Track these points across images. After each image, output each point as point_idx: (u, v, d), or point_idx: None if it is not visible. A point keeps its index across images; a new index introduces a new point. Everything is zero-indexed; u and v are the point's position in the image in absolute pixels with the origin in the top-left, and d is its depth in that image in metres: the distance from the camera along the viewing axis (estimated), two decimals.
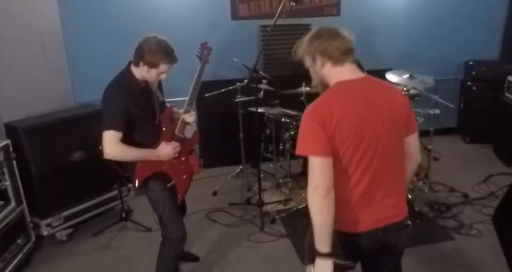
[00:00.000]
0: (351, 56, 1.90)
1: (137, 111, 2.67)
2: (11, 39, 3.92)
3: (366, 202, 1.87)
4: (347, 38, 1.88)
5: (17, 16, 4.00)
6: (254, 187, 4.67)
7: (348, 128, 1.76)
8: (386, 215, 1.89)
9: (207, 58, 3.07)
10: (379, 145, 1.82)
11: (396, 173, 1.92)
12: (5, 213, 3.26)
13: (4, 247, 3.21)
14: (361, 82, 1.87)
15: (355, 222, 1.87)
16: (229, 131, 5.00)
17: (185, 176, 2.96)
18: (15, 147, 3.46)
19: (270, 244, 3.75)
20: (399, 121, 1.88)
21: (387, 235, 1.91)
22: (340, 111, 1.76)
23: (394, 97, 1.91)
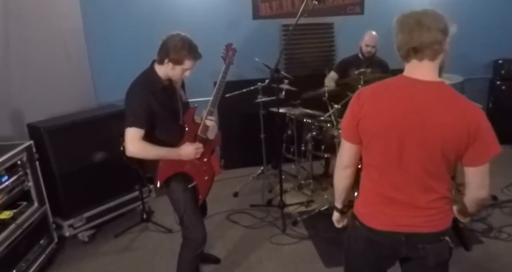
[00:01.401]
0: (421, 53, 1.73)
1: (160, 109, 2.70)
2: (34, 40, 4.02)
3: (384, 200, 1.87)
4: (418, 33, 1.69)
5: (40, 17, 4.09)
6: (276, 189, 4.67)
7: (370, 120, 1.79)
8: (409, 222, 1.83)
9: (232, 59, 3.09)
10: (400, 152, 1.77)
11: (425, 187, 1.81)
12: (28, 213, 3.31)
13: (27, 248, 3.26)
14: (419, 85, 1.74)
15: (372, 216, 1.92)
16: (250, 131, 5.00)
17: (206, 177, 2.97)
18: (38, 148, 3.52)
19: (292, 246, 3.74)
20: (444, 143, 1.71)
21: (412, 244, 1.85)
22: (372, 103, 1.79)
23: (456, 117, 1.70)
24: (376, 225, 1.89)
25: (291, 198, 4.49)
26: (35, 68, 4.05)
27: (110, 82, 4.76)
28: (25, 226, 3.22)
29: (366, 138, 1.84)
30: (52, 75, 4.22)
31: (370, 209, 1.93)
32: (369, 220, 1.92)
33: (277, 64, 3.82)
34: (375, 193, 1.91)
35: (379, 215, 1.89)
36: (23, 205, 3.30)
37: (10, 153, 3.15)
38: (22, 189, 3.31)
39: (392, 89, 1.81)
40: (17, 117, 3.93)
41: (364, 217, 1.94)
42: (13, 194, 3.18)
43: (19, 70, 3.92)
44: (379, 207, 1.89)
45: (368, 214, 1.93)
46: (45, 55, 4.15)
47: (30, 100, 4.01)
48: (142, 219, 4.20)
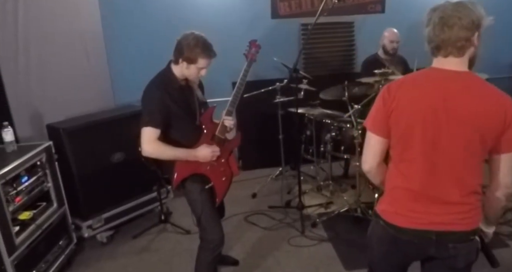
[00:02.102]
0: (446, 51, 1.73)
1: (176, 109, 2.72)
2: (54, 41, 4.08)
3: (414, 197, 1.83)
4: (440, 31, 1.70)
5: (60, 18, 4.15)
6: (294, 190, 4.66)
7: (402, 112, 1.77)
8: (442, 220, 1.80)
9: (254, 57, 3.00)
10: (435, 144, 1.75)
11: (465, 178, 1.78)
12: (47, 214, 3.36)
13: (46, 248, 3.31)
14: (450, 76, 1.74)
15: (398, 215, 1.87)
16: (268, 132, 5.00)
17: (224, 178, 2.97)
18: (57, 148, 3.57)
19: (311, 249, 3.73)
20: (481, 127, 1.70)
21: (443, 243, 1.81)
22: (404, 95, 1.77)
23: (491, 103, 1.69)
24: (404, 223, 1.85)
25: (310, 199, 4.47)
26: (55, 69, 4.12)
27: (128, 83, 4.80)
28: (44, 227, 3.26)
29: (398, 131, 1.81)
30: (71, 75, 4.28)
31: (397, 207, 1.88)
32: (396, 218, 1.87)
33: (296, 63, 3.80)
34: (404, 189, 1.86)
35: (408, 213, 1.84)
36: (42, 205, 3.34)
37: (30, 154, 3.19)
38: (42, 189, 3.35)
39: (423, 80, 1.80)
40: (36, 118, 3.99)
41: (391, 216, 1.89)
42: (33, 195, 3.23)
43: (39, 70, 3.99)
44: (408, 205, 1.84)
45: (395, 212, 1.88)
46: (64, 56, 4.21)
47: (49, 100, 4.08)
48: (160, 220, 4.23)
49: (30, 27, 3.88)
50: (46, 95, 4.07)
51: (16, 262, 2.89)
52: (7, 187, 2.92)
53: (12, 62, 3.80)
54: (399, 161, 1.87)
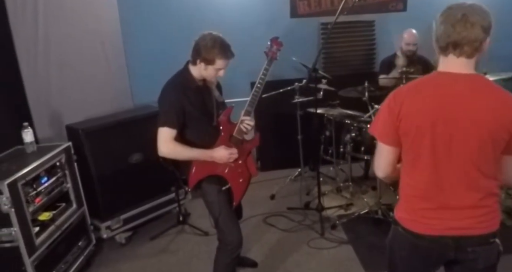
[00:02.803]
0: (460, 49, 1.71)
1: (193, 110, 2.73)
2: (73, 41, 4.13)
3: (429, 204, 1.83)
4: (462, 28, 1.67)
5: (79, 19, 4.20)
6: (313, 191, 4.65)
7: (411, 120, 1.76)
8: (459, 225, 1.80)
9: (275, 55, 2.92)
10: (447, 148, 1.74)
11: (480, 182, 1.78)
12: (67, 215, 3.40)
13: (66, 249, 3.35)
14: (458, 79, 1.73)
15: (415, 221, 1.87)
16: (287, 132, 4.99)
17: (241, 179, 2.96)
18: (76, 149, 3.61)
19: (331, 251, 3.71)
20: (489, 133, 1.69)
21: (462, 248, 1.82)
22: (411, 102, 1.76)
23: (499, 107, 1.69)
24: (421, 230, 1.85)
25: (329, 201, 4.45)
26: (74, 70, 4.17)
27: (146, 83, 4.81)
28: (64, 228, 3.31)
29: (409, 138, 1.80)
30: (90, 76, 4.32)
31: (413, 215, 1.88)
32: (414, 225, 1.88)
33: (315, 63, 3.79)
34: (417, 197, 1.86)
35: (424, 220, 1.84)
36: (62, 206, 3.38)
37: (49, 155, 3.23)
38: (61, 190, 3.40)
39: (430, 85, 1.79)
40: (56, 119, 4.04)
41: (408, 223, 1.90)
42: (52, 196, 3.27)
43: (58, 71, 4.04)
44: (424, 213, 1.85)
45: (412, 220, 1.89)
46: (83, 57, 4.26)
47: (68, 101, 4.13)
48: (179, 222, 4.24)
49: (49, 27, 3.94)
50: (66, 95, 4.12)
51: (36, 262, 2.93)
52: (27, 187, 2.96)
53: (32, 62, 3.85)
54: (411, 169, 1.87)
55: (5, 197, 2.70)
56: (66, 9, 4.09)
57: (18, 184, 2.83)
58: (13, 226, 2.78)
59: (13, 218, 2.76)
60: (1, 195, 2.70)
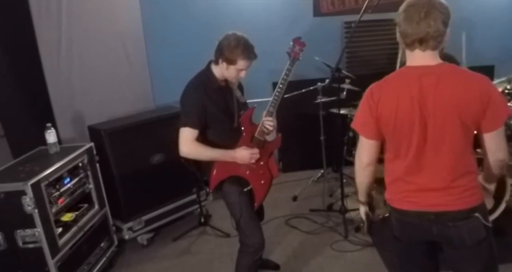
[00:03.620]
0: (426, 44, 1.86)
1: (214, 110, 2.74)
2: (95, 42, 4.19)
3: (409, 186, 1.99)
4: (426, 25, 1.81)
5: (101, 19, 4.26)
6: (337, 193, 4.62)
7: (388, 114, 1.92)
8: (438, 202, 1.94)
9: (298, 55, 2.93)
10: (423, 136, 1.89)
11: (453, 164, 1.92)
12: (89, 216, 3.44)
13: (88, 250, 3.39)
14: (426, 70, 1.87)
15: (400, 200, 2.04)
16: (309, 133, 4.97)
17: (263, 181, 2.96)
18: (98, 150, 3.65)
19: (355, 254, 3.68)
20: (460, 114, 1.83)
21: (442, 222, 1.95)
22: (387, 96, 1.93)
23: (465, 89, 1.83)
24: (406, 207, 2.02)
25: (353, 203, 4.40)
26: (96, 70, 4.23)
27: (167, 84, 4.84)
28: (86, 229, 3.34)
29: (389, 130, 1.96)
30: (112, 77, 4.38)
31: (398, 195, 2.05)
32: (399, 204, 2.05)
33: (338, 63, 3.76)
34: (400, 181, 2.03)
35: (407, 199, 2.01)
36: (84, 207, 3.42)
37: (72, 155, 3.28)
38: (83, 191, 3.44)
39: (400, 79, 1.95)
40: (78, 119, 4.10)
41: (394, 203, 2.08)
42: (75, 196, 3.31)
43: (80, 72, 4.11)
44: (406, 194, 2.01)
45: (396, 199, 2.06)
46: (105, 57, 4.31)
47: (91, 102, 4.19)
48: (200, 223, 4.26)
49: (72, 29, 4.00)
50: (88, 96, 4.18)
51: (59, 263, 2.97)
52: (50, 188, 3.00)
53: (55, 64, 3.92)
54: (392, 156, 2.05)
55: (29, 198, 2.74)
56: (89, 10, 4.15)
57: (42, 185, 2.87)
58: (36, 227, 2.82)
59: (36, 219, 2.80)
60: (24, 195, 2.74)
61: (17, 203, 2.76)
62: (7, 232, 2.86)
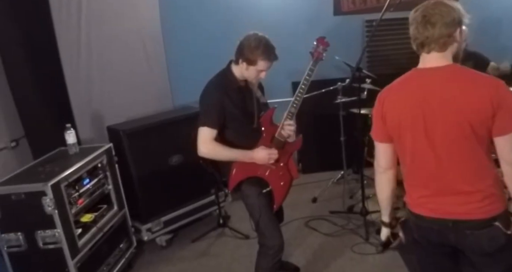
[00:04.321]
0: (428, 47, 1.87)
1: (234, 110, 2.75)
2: (114, 42, 4.24)
3: (426, 192, 1.97)
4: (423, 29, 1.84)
5: (121, 19, 4.30)
6: (357, 194, 4.58)
7: (393, 117, 1.94)
8: (456, 210, 1.90)
9: (321, 55, 2.86)
10: (431, 140, 1.87)
11: (466, 169, 1.88)
12: (108, 217, 3.47)
13: (108, 251, 3.42)
14: (432, 72, 1.87)
15: (417, 206, 2.02)
16: (329, 134, 4.94)
17: (283, 182, 2.95)
18: (117, 150, 3.68)
19: (377, 256, 3.65)
20: (469, 117, 1.79)
21: (460, 230, 1.91)
22: (391, 100, 1.95)
23: (473, 91, 1.79)
24: (423, 212, 2.00)
25: (374, 204, 4.35)
26: (115, 71, 4.27)
27: (186, 84, 4.87)
28: (105, 230, 3.37)
29: (395, 134, 1.97)
30: (131, 77, 4.42)
31: (415, 200, 2.04)
32: (416, 209, 2.03)
33: (359, 62, 3.75)
34: (416, 186, 2.02)
35: (424, 205, 1.99)
36: (103, 208, 3.45)
37: (91, 156, 3.31)
38: (103, 192, 3.46)
39: (406, 81, 1.96)
40: (97, 120, 4.15)
41: (412, 207, 2.07)
42: (94, 197, 3.34)
43: (100, 72, 4.15)
44: (423, 199, 1.99)
45: (414, 204, 2.05)
46: (124, 58, 4.35)
47: (110, 102, 4.23)
48: (219, 224, 4.27)
49: (92, 29, 4.04)
50: (107, 97, 4.22)
51: (79, 264, 3.00)
52: (70, 189, 3.03)
53: (74, 64, 3.97)
54: (404, 160, 2.04)
55: (49, 199, 2.77)
56: (108, 11, 4.19)
57: (61, 186, 2.91)
58: (56, 227, 2.85)
59: (56, 219, 2.83)
60: (45, 196, 2.77)
61: (37, 204, 2.79)
62: (27, 232, 2.89)
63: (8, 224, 2.89)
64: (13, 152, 3.72)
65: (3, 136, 3.64)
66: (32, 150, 3.82)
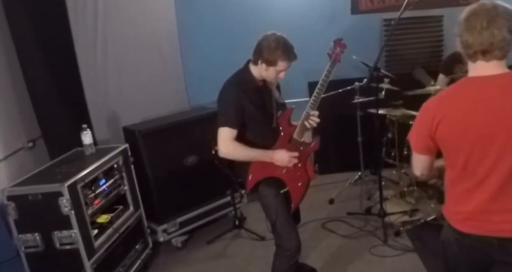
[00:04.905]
0: (490, 55, 1.71)
1: (252, 110, 2.74)
2: (130, 43, 4.25)
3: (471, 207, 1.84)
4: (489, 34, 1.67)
5: (137, 19, 4.32)
6: (375, 196, 4.56)
7: (446, 128, 1.79)
8: (503, 227, 1.79)
9: (339, 57, 2.91)
10: (491, 151, 1.74)
11: None
12: (124, 218, 3.48)
13: (124, 252, 3.43)
14: (489, 81, 1.74)
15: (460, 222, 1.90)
16: (346, 134, 4.93)
17: (300, 183, 2.94)
18: (132, 151, 3.70)
19: (395, 259, 3.62)
20: None
21: (506, 248, 1.81)
22: (443, 109, 1.80)
23: None
24: (466, 229, 1.88)
25: (392, 206, 4.34)
26: (131, 71, 4.29)
27: (202, 84, 4.90)
28: (121, 230, 3.38)
29: (446, 146, 1.86)
30: (147, 77, 4.43)
31: (458, 215, 1.92)
32: (458, 225, 1.91)
33: (377, 61, 3.72)
34: (460, 200, 1.89)
35: (468, 222, 1.87)
36: (119, 209, 3.47)
37: (107, 157, 3.33)
38: (118, 193, 3.48)
39: (462, 92, 1.81)
40: (113, 120, 4.17)
41: (453, 222, 1.94)
42: (110, 198, 3.36)
43: (116, 73, 4.18)
44: (467, 215, 1.86)
45: (456, 219, 1.93)
46: (140, 58, 4.37)
47: (126, 102, 4.25)
48: (234, 226, 4.27)
49: (108, 30, 4.07)
50: (123, 97, 4.25)
51: (95, 265, 3.01)
52: (86, 189, 3.06)
53: (90, 65, 4.00)
54: (451, 172, 1.91)
55: (65, 199, 2.79)
56: (124, 11, 4.21)
57: (78, 186, 2.93)
58: (73, 228, 2.86)
59: (73, 220, 2.85)
60: (61, 197, 2.79)
61: (54, 204, 2.81)
62: (44, 233, 2.92)
63: (25, 225, 2.91)
64: (30, 153, 3.77)
65: (20, 136, 3.70)
66: (48, 150, 3.86)
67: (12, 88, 3.69)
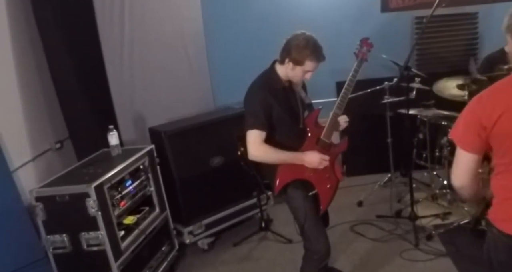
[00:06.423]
0: None
1: (279, 111, 2.74)
2: (157, 44, 4.30)
3: None
4: None
5: (164, 21, 4.36)
6: (405, 198, 4.51)
7: (502, 123, 1.70)
8: None
9: (365, 56, 2.91)
10: None
11: None
12: (150, 219, 3.52)
13: (150, 254, 3.46)
14: None
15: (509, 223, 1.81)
16: (375, 135, 4.87)
17: (329, 185, 2.93)
18: (158, 152, 3.73)
19: (427, 264, 3.57)
20: None
21: None
22: (496, 104, 1.71)
23: None
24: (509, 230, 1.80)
25: (423, 209, 4.28)
26: (157, 72, 4.34)
27: (228, 85, 4.91)
28: (148, 232, 3.42)
29: (504, 143, 1.75)
30: (173, 78, 4.47)
31: (507, 216, 1.83)
32: (508, 227, 1.81)
33: (408, 60, 3.68)
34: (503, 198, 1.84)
35: None
36: (145, 210, 3.50)
37: (133, 158, 3.37)
38: (145, 194, 3.51)
39: None
40: (139, 121, 4.22)
41: (502, 225, 1.84)
42: (136, 199, 3.39)
43: (142, 74, 4.23)
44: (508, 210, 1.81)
45: (506, 220, 1.83)
46: (166, 59, 4.41)
47: (152, 103, 4.30)
48: (261, 228, 4.27)
49: (134, 31, 4.13)
50: (149, 98, 4.30)
51: (122, 267, 3.05)
52: (113, 191, 3.09)
53: (117, 66, 4.06)
54: (506, 171, 1.82)
55: (92, 200, 2.83)
56: (151, 13, 4.26)
57: (104, 187, 2.97)
58: (100, 229, 2.90)
59: (99, 221, 2.89)
60: (88, 198, 2.83)
61: (81, 205, 2.85)
62: (72, 234, 2.96)
63: (52, 226, 2.97)
64: (58, 153, 3.84)
65: (48, 137, 3.77)
66: (76, 151, 3.94)
67: (40, 89, 3.77)
